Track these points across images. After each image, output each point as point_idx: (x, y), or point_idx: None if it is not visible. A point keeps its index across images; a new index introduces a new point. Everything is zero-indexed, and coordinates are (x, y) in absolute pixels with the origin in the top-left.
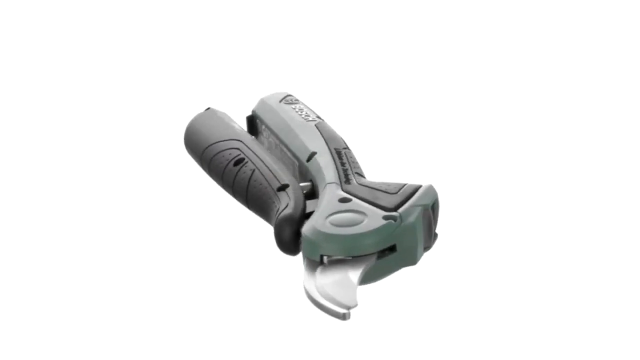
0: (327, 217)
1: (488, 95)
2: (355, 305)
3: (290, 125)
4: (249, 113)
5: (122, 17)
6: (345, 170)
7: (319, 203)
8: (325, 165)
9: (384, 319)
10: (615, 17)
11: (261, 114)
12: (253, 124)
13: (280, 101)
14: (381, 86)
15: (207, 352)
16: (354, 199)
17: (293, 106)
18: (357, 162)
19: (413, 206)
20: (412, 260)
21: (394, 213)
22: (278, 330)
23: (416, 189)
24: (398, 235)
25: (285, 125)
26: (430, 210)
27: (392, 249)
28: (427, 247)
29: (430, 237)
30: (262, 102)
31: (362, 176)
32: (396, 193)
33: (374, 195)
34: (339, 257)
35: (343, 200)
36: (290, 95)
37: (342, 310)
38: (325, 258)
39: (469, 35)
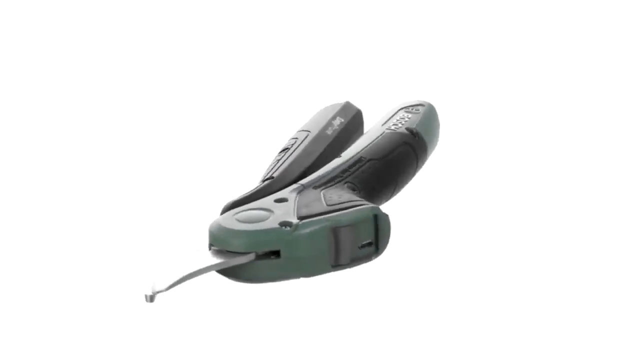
0: (240, 212)
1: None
2: (161, 291)
3: (371, 129)
4: None
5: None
6: (335, 177)
7: None
8: (325, 168)
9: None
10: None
11: None
12: None
13: (403, 108)
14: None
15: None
16: (290, 200)
17: (405, 114)
18: (370, 175)
19: (321, 220)
20: (305, 272)
21: (293, 220)
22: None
23: (353, 206)
24: (285, 242)
25: (370, 129)
26: (351, 229)
27: (277, 254)
28: (337, 266)
29: (339, 257)
30: (397, 106)
31: (355, 188)
32: (329, 205)
33: (309, 203)
34: (220, 249)
35: (279, 200)
36: (421, 105)
37: (147, 292)
38: (210, 247)
39: None
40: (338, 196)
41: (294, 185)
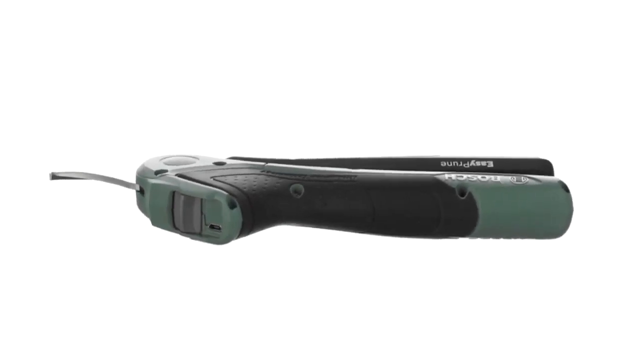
0: (177, 155)
1: None
2: (60, 173)
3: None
4: None
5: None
6: (300, 176)
7: None
8: (318, 169)
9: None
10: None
11: None
12: None
13: (525, 175)
14: None
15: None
16: (226, 165)
17: (508, 178)
18: (332, 192)
19: (172, 180)
20: (154, 220)
21: (166, 172)
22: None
23: (218, 187)
24: (144, 185)
25: None
26: (188, 201)
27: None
28: (176, 229)
29: (173, 219)
30: None
31: (299, 191)
32: (212, 178)
33: (217, 171)
34: None
35: (218, 163)
36: (535, 180)
37: (50, 172)
38: None
39: None
40: (240, 180)
41: (260, 163)
